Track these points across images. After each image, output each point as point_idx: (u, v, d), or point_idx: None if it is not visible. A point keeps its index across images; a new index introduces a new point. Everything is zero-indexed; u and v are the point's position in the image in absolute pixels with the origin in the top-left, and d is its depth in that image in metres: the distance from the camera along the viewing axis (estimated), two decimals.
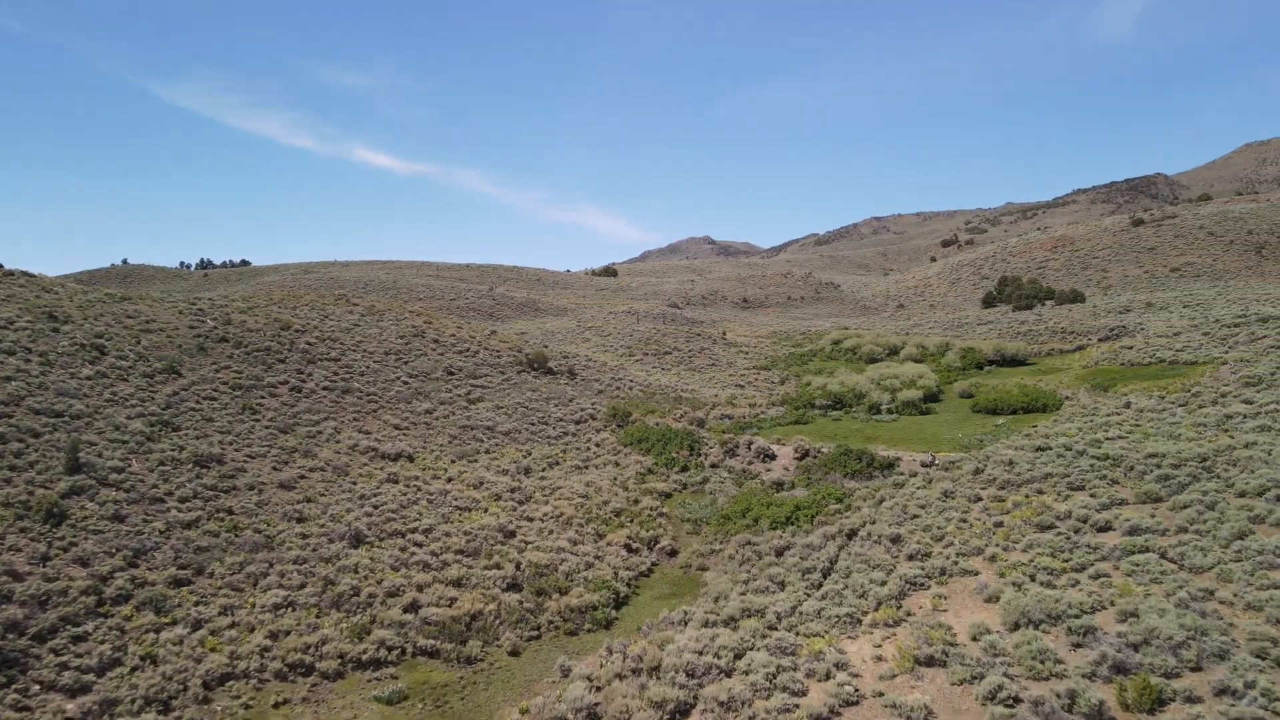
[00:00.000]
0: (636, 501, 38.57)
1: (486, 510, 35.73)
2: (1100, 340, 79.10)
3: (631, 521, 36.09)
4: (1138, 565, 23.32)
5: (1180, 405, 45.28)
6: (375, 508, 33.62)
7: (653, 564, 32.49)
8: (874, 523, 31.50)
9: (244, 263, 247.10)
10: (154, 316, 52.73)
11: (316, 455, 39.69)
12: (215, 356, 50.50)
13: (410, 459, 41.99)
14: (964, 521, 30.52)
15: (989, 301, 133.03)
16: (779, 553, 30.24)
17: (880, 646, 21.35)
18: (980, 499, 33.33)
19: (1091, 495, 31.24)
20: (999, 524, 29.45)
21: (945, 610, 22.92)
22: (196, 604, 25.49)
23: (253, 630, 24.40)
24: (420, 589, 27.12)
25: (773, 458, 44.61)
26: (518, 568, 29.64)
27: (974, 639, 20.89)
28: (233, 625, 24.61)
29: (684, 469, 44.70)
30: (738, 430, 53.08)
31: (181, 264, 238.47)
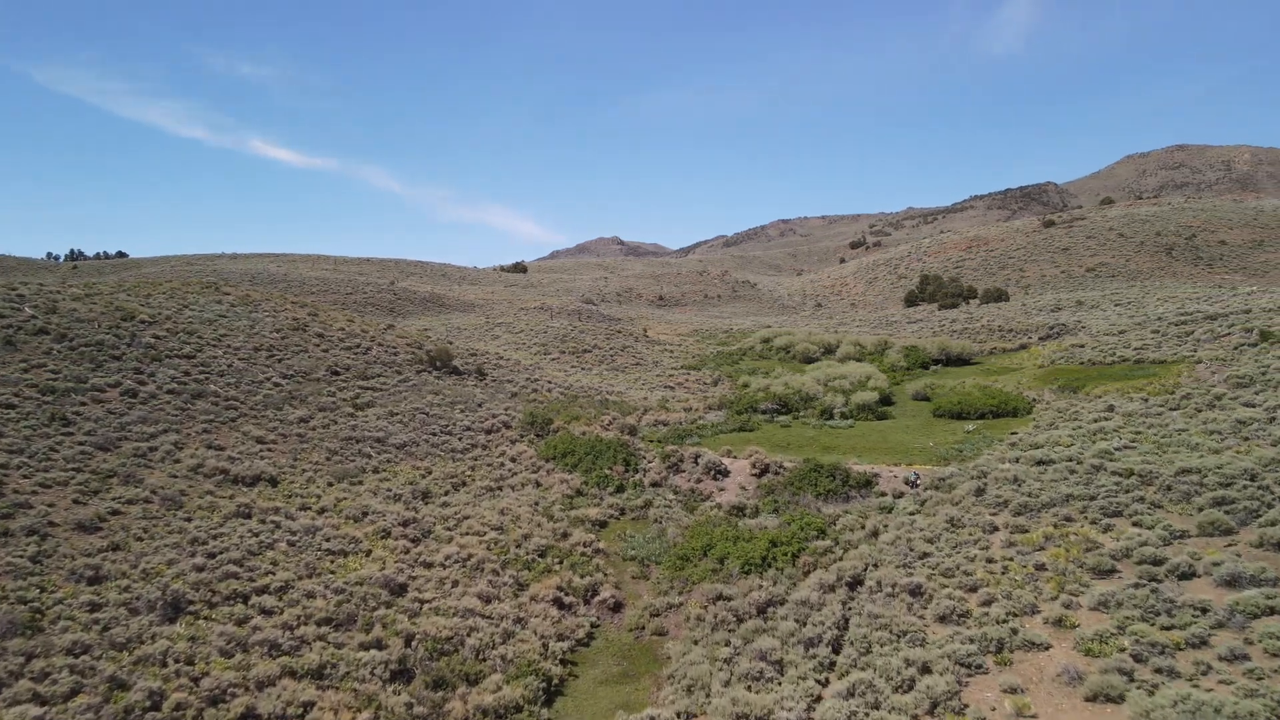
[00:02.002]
0: (565, 535, 30.58)
1: (369, 554, 27.07)
2: (1041, 339, 75.58)
3: (561, 564, 28.08)
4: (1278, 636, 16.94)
5: (1172, 409, 40.40)
6: (211, 556, 24.54)
7: (593, 625, 24.60)
8: (878, 565, 24.54)
9: (120, 254, 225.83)
10: None
11: (142, 481, 30.13)
12: (27, 352, 39.93)
13: (273, 482, 32.80)
14: (991, 562, 23.89)
15: (911, 300, 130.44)
16: (763, 610, 22.88)
17: None
18: (997, 528, 26.87)
19: (1137, 524, 25.15)
20: (1040, 567, 22.89)
21: (1035, 718, 15.93)
22: None
23: None
24: (260, 688, 18.48)
25: (725, 474, 37.36)
26: (408, 644, 21.27)
27: None
28: None
29: (620, 489, 36.97)
30: (677, 439, 45.70)
31: (49, 255, 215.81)
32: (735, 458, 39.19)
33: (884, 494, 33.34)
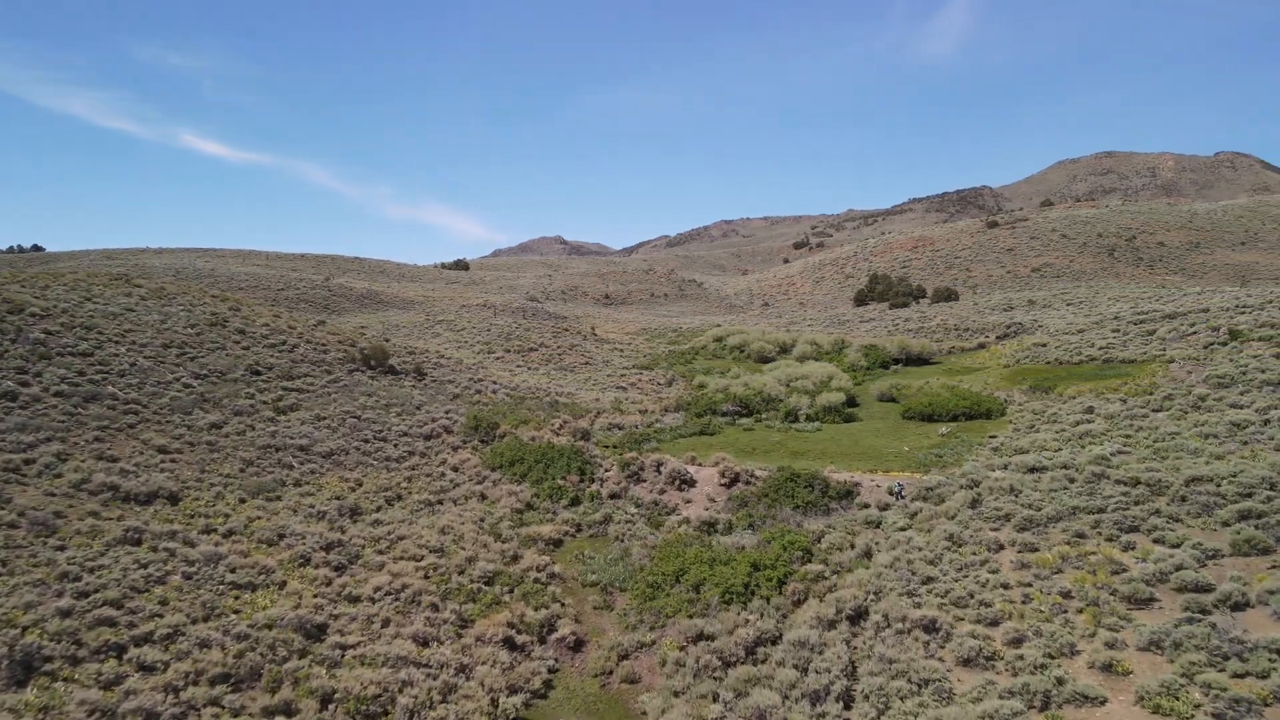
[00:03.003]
0: (516, 557, 26.75)
1: (283, 586, 22.87)
2: (999, 338, 74.22)
3: (512, 593, 24.27)
4: None
5: (1155, 410, 38.47)
6: (83, 596, 20.08)
7: (551, 671, 20.88)
8: (879, 594, 21.39)
9: (36, 248, 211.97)
10: None
11: (9, 501, 25.34)
12: None
13: (173, 500, 28.22)
14: (1006, 588, 20.95)
15: (861, 299, 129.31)
16: (752, 652, 19.52)
17: None
18: (1003, 546, 24.02)
19: (1159, 541, 22.53)
20: (1065, 594, 20.00)
21: None
22: None
23: None
24: None
25: (691, 483, 33.98)
26: (325, 705, 17.29)
27: None
28: None
29: (575, 502, 33.25)
30: (635, 444, 42.19)
31: None
32: (701, 465, 35.84)
33: (867, 505, 30.35)
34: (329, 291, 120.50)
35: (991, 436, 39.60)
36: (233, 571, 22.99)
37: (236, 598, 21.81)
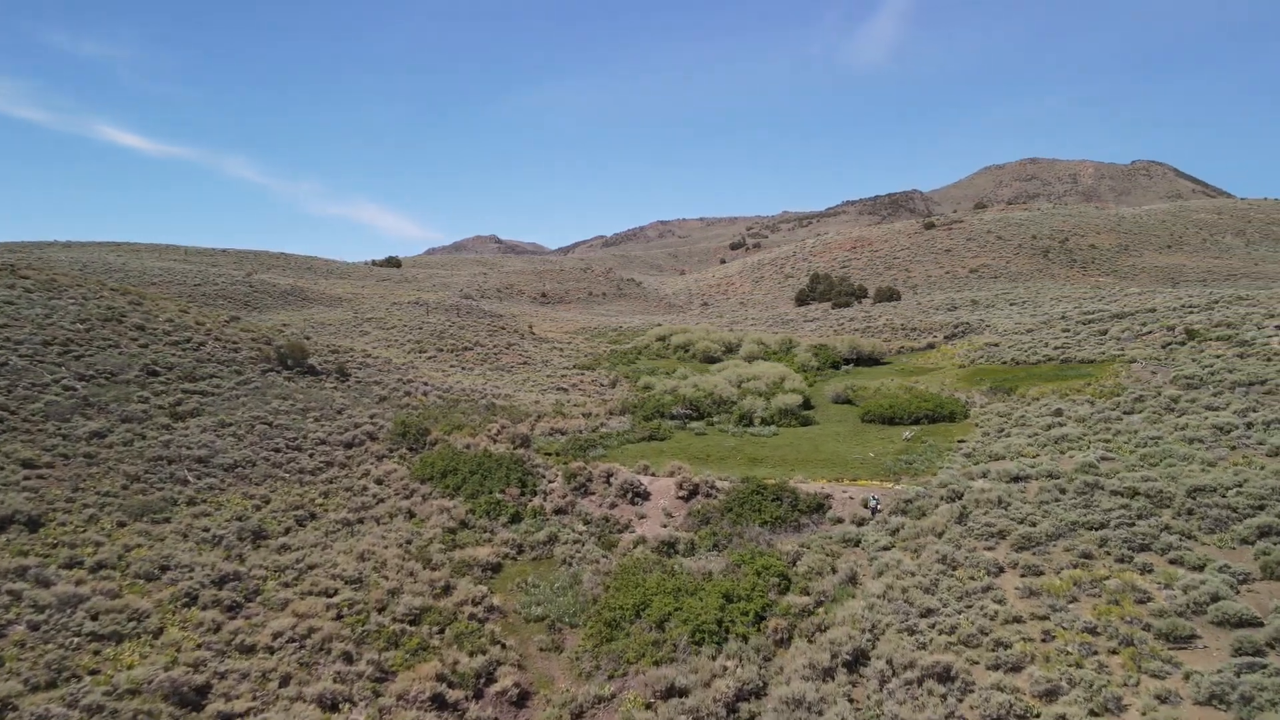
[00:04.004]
0: (448, 588, 22.99)
1: (159, 635, 18.71)
2: (947, 338, 72.98)
3: (442, 634, 20.54)
4: None
5: (1126, 413, 36.72)
6: None
7: None
8: (876, 633, 18.38)
9: None
10: None
11: None
12: None
13: (31, 525, 23.61)
14: (1019, 622, 18.20)
15: (802, 299, 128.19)
16: (733, 710, 16.28)
17: None
18: (1003, 569, 21.35)
19: (1177, 563, 20.15)
20: (1091, 630, 17.32)
21: None
22: None
23: None
24: None
25: (645, 496, 30.65)
26: None
27: None
28: None
29: (516, 518, 29.57)
30: (579, 451, 38.68)
31: None
32: (655, 475, 32.55)
33: (841, 520, 27.49)
34: (250, 288, 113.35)
35: (960, 441, 37.35)
36: (94, 618, 18.72)
37: (96, 653, 17.59)
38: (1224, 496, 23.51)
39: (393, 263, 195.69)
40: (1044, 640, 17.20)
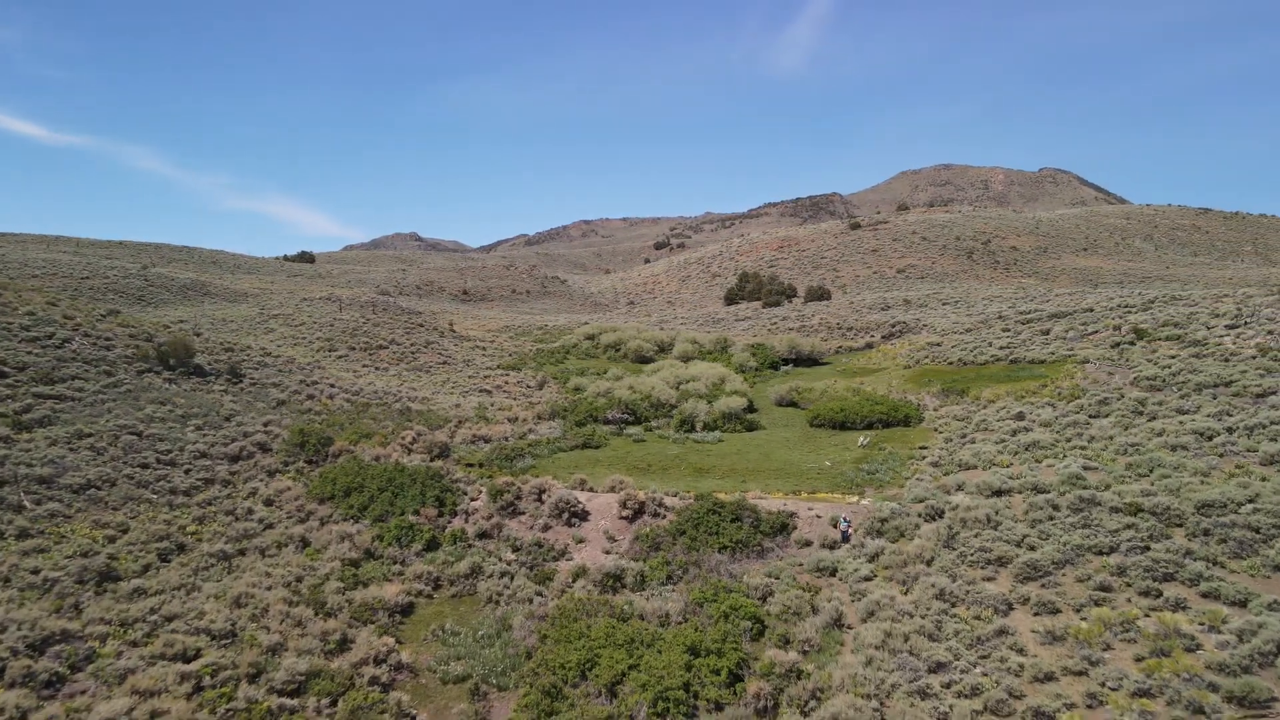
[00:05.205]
0: (344, 642, 18.53)
1: None
2: (884, 337, 71.24)
3: (334, 708, 16.13)
4: None
5: (1092, 416, 34.57)
6: None
7: None
8: (881, 695, 14.85)
9: None
10: None
11: None
12: None
13: None
14: (1051, 680, 14.98)
15: (731, 298, 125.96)
16: None
17: None
18: (1012, 606, 18.21)
19: (1210, 595, 17.36)
20: (1144, 693, 14.20)
21: None
22: None
23: None
24: None
25: (583, 516, 26.64)
26: None
27: None
28: None
29: (432, 545, 25.17)
30: (506, 461, 34.45)
31: None
32: (594, 491, 28.57)
33: (809, 543, 24.08)
34: (145, 282, 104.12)
35: (922, 448, 34.59)
36: None
37: None
38: (1237, 514, 21.00)
39: (305, 258, 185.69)
40: (1090, 707, 14.00)
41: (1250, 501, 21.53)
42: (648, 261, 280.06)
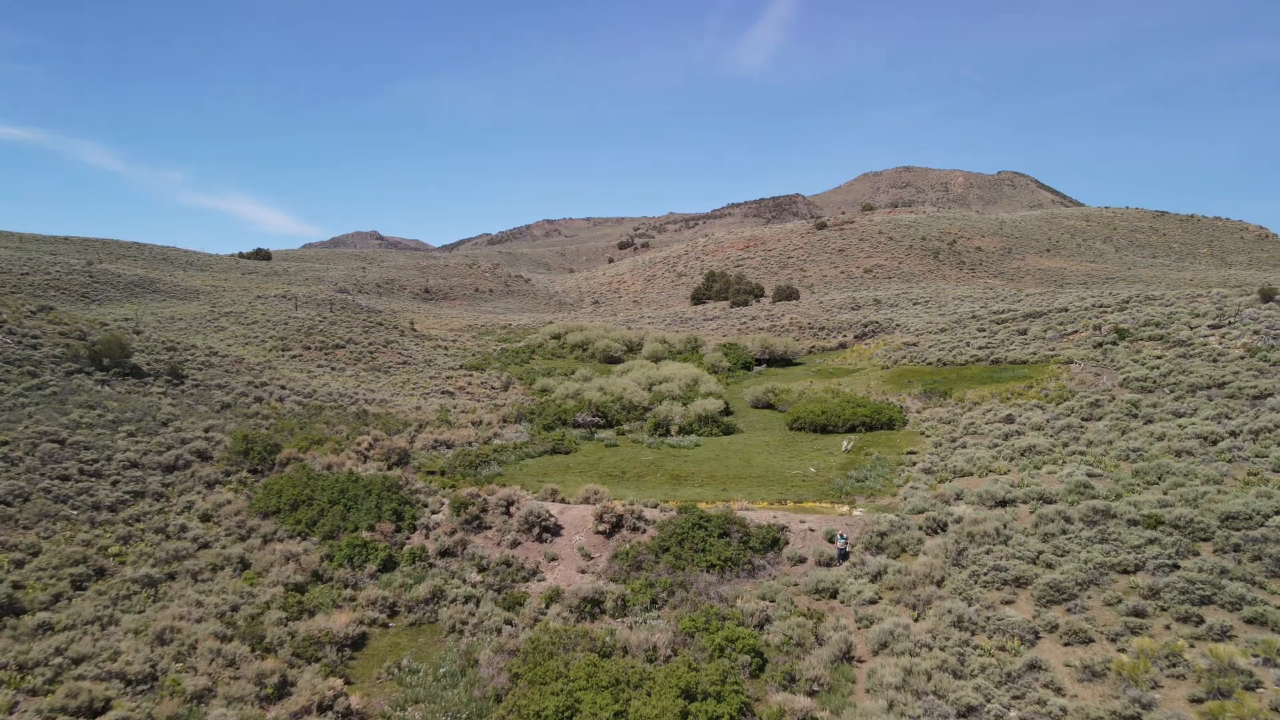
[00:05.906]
0: (284, 685, 16.08)
1: None
2: (857, 337, 69.85)
3: None
4: None
5: (1085, 419, 33.17)
6: None
7: None
8: None
9: None
10: None
11: None
12: None
13: None
14: None
15: (698, 297, 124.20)
16: None
17: None
18: (1039, 635, 16.39)
19: (1256, 622, 15.71)
20: None
21: None
22: None
23: None
24: None
25: (555, 531, 24.37)
26: None
27: None
28: None
29: (389, 565, 22.72)
30: (470, 469, 32.02)
31: None
32: (567, 503, 26.31)
33: (803, 559, 22.11)
34: (90, 278, 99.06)
35: (910, 453, 32.91)
36: None
37: None
38: (1265, 527, 19.45)
39: (261, 255, 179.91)
40: None
41: (1277, 513, 20.03)
42: (612, 261, 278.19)
